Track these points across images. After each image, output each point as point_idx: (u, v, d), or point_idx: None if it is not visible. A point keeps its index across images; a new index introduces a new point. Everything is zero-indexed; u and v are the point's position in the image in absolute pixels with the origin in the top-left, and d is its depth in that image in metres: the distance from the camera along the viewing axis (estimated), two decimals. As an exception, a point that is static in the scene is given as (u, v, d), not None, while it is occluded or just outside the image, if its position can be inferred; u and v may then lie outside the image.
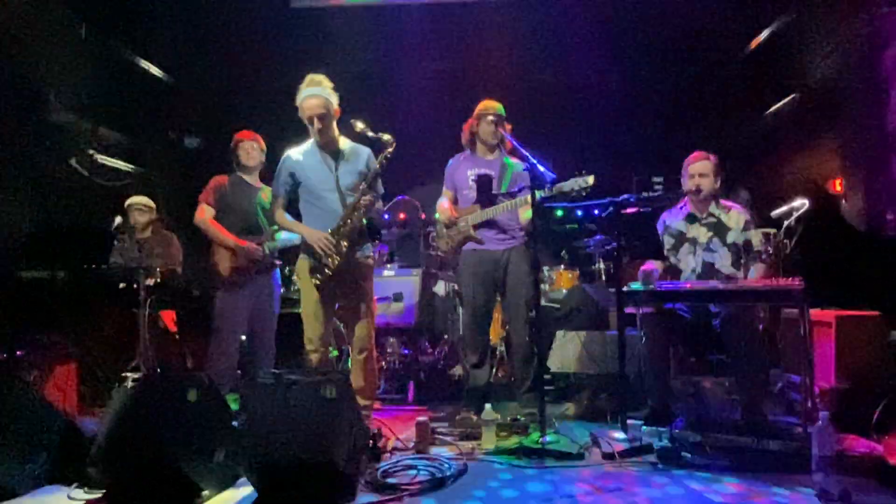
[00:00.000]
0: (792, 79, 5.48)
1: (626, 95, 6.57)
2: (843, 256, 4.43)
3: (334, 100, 3.65)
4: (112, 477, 2.71)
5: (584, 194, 3.67)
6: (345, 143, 3.79)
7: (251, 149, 4.35)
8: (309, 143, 3.79)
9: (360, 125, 3.57)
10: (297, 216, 3.80)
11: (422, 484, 2.80)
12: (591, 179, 3.63)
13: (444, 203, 4.35)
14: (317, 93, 3.57)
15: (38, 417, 2.93)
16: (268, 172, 4.38)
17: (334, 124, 3.69)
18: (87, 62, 5.27)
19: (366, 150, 3.81)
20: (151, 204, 5.12)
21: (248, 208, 4.29)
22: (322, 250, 3.56)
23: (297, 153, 3.76)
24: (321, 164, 3.72)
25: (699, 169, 3.90)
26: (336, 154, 3.74)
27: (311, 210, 3.74)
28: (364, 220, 3.70)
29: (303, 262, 3.72)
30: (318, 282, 3.60)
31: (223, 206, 4.25)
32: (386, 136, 3.57)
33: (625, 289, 3.61)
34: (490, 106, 4.21)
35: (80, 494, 2.78)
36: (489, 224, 4.18)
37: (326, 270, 3.58)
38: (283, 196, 3.76)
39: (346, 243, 3.58)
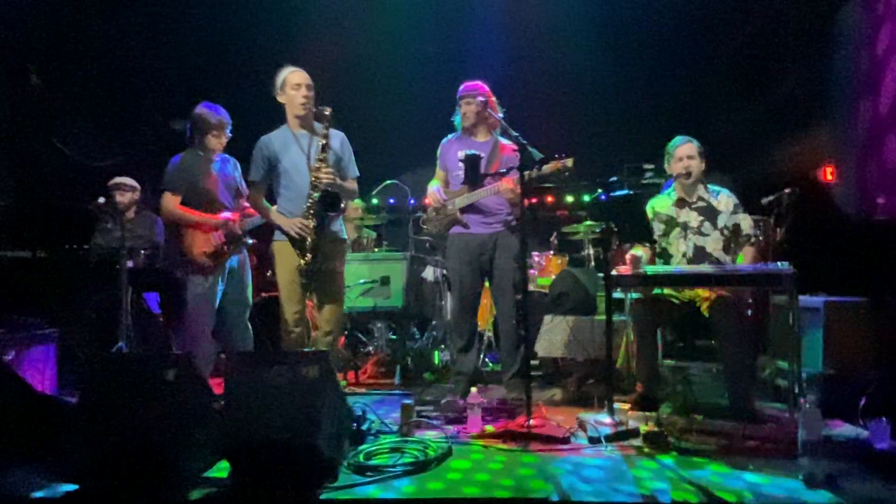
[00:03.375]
0: (782, 65, 5.46)
1: (616, 82, 6.52)
2: (832, 242, 4.42)
3: None
4: (87, 457, 2.65)
5: (564, 176, 3.66)
6: (317, 127, 3.87)
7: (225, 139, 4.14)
8: (282, 129, 3.90)
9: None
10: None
11: (405, 466, 2.76)
12: (569, 162, 3.63)
13: (433, 186, 4.30)
14: (301, 70, 3.80)
15: (13, 395, 2.86)
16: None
17: None
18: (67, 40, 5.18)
19: (339, 134, 3.94)
20: (135, 184, 5.02)
21: (210, 183, 4.06)
22: (298, 234, 3.70)
23: (272, 138, 3.87)
24: (296, 146, 3.82)
25: (686, 151, 3.89)
26: (309, 137, 3.86)
27: (286, 193, 3.84)
28: (315, 195, 3.71)
29: (280, 246, 3.81)
30: (305, 262, 3.70)
31: (187, 185, 4.00)
32: (327, 109, 3.72)
33: (613, 273, 3.58)
34: (464, 92, 4.16)
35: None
36: (475, 208, 4.13)
37: (308, 254, 3.69)
38: (261, 182, 3.86)
39: (313, 222, 3.70)
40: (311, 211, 3.70)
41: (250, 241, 4.28)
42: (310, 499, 2.47)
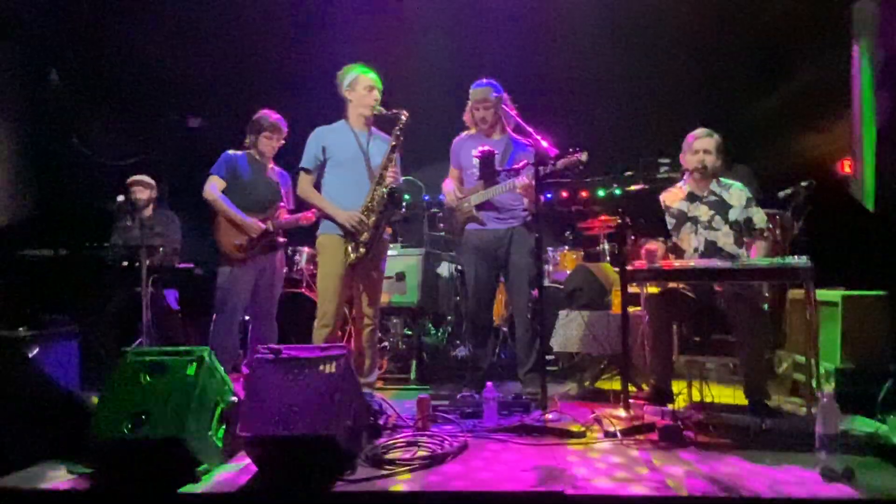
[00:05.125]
0: (800, 57, 5.42)
1: (631, 74, 6.48)
2: (851, 235, 4.38)
3: None
4: (107, 451, 2.70)
5: (579, 170, 3.67)
6: (378, 134, 4.00)
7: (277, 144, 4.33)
8: (341, 123, 3.98)
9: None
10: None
11: (422, 460, 2.79)
12: (583, 157, 3.64)
13: (448, 184, 4.33)
14: (372, 72, 3.90)
15: (38, 392, 2.92)
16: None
17: None
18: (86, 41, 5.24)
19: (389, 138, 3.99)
20: (152, 181, 5.09)
21: (254, 183, 4.24)
22: (354, 228, 3.72)
23: (329, 130, 3.94)
24: (354, 141, 3.89)
25: (704, 145, 3.83)
26: (367, 134, 3.95)
27: (339, 186, 3.87)
28: (384, 191, 3.77)
29: (328, 239, 3.84)
30: (355, 258, 3.73)
31: (233, 179, 4.19)
32: (404, 113, 3.81)
33: (628, 268, 3.58)
34: (476, 95, 4.18)
35: (79, 469, 2.76)
36: (491, 204, 4.15)
37: (361, 249, 3.72)
38: (313, 170, 3.91)
39: (374, 218, 3.74)
40: (373, 205, 3.75)
41: (284, 240, 4.37)
42: (327, 491, 2.50)
